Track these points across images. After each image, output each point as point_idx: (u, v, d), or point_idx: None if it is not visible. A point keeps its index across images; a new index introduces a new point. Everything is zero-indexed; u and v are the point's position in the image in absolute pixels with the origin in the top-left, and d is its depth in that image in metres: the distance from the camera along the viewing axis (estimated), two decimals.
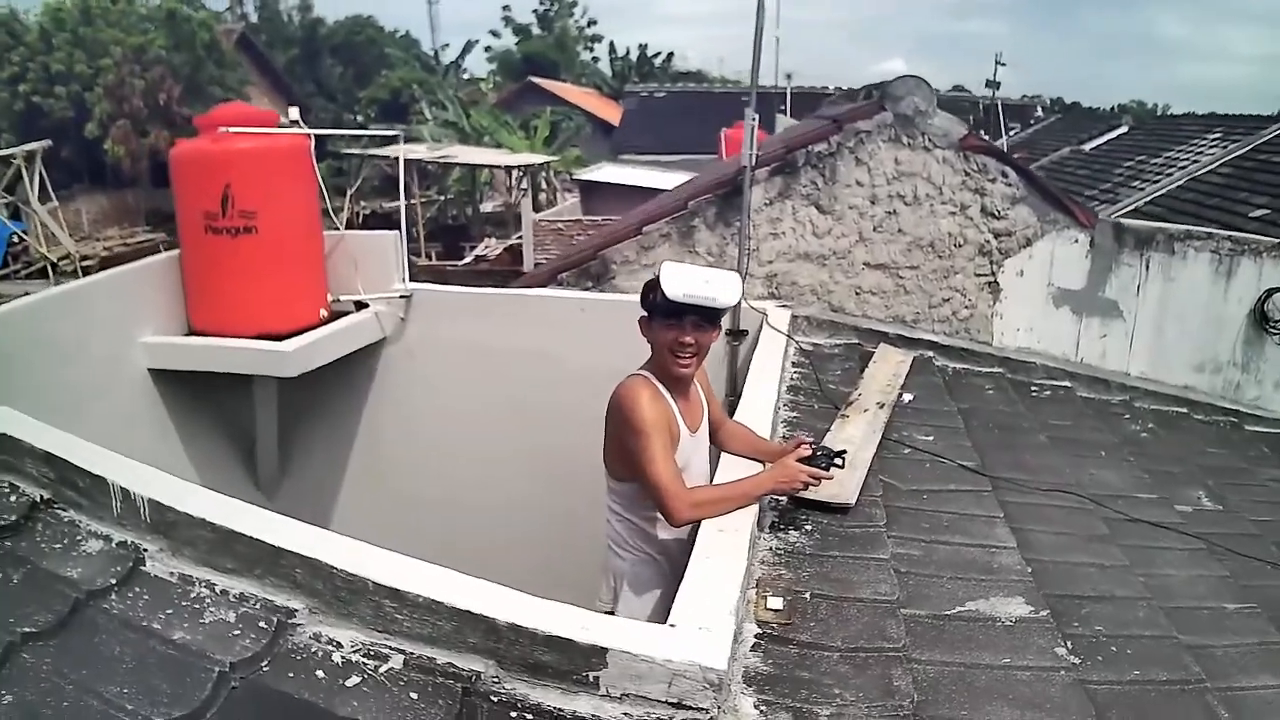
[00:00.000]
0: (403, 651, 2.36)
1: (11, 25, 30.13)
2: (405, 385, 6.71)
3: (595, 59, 50.83)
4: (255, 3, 45.15)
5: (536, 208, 21.73)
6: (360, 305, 6.52)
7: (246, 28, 38.72)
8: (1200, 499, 4.35)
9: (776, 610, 2.79)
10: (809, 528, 3.38)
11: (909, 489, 3.82)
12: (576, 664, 2.24)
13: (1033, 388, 5.48)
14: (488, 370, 6.44)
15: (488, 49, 50.24)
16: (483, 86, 41.14)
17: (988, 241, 5.69)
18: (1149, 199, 13.53)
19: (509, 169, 26.70)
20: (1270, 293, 5.76)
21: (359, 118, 40.33)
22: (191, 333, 6.13)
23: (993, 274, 5.74)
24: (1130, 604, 3.14)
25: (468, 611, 2.31)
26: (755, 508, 3.18)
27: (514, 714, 2.22)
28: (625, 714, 2.22)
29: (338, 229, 6.74)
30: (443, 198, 31.08)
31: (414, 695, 2.22)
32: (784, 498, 3.47)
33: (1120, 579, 3.31)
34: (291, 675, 2.26)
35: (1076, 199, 5.72)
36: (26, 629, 2.29)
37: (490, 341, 6.39)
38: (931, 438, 4.41)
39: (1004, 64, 16.23)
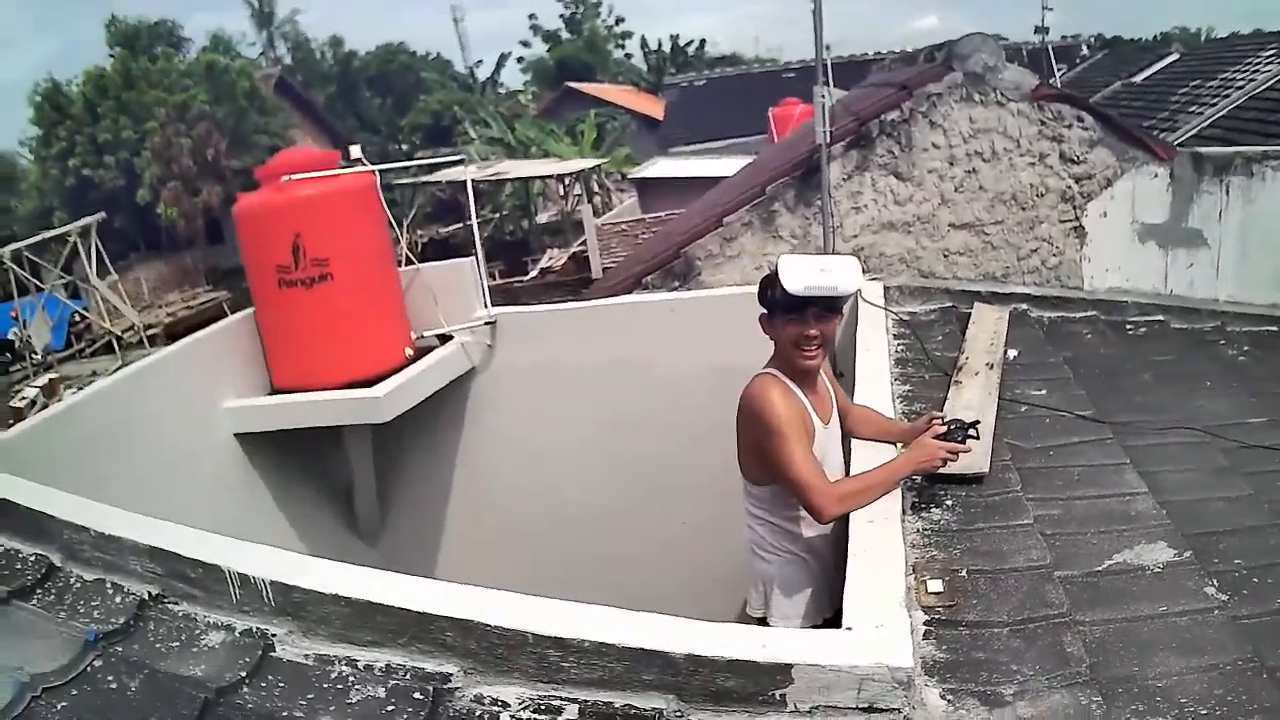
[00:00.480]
0: (575, 700, 2.28)
1: (56, 98, 30.23)
2: (498, 412, 6.63)
3: (628, 56, 50.83)
4: (287, 45, 45.85)
5: (594, 212, 21.75)
6: (444, 338, 6.45)
7: (283, 71, 39.18)
8: None
9: (938, 594, 2.74)
10: (950, 503, 3.32)
11: (1034, 447, 3.77)
12: (762, 685, 2.19)
13: (1128, 326, 5.38)
14: (580, 385, 6.37)
15: (520, 60, 50.54)
16: (522, 99, 41.26)
17: (1069, 187, 5.61)
18: (1209, 122, 13.18)
19: (561, 178, 26.77)
20: None
21: (404, 146, 40.72)
22: (274, 390, 6.07)
23: (1077, 219, 5.67)
24: (1262, 533, 3.07)
25: (640, 649, 2.24)
26: (898, 492, 3.14)
27: None
28: None
29: (412, 263, 6.70)
30: (497, 215, 31.27)
31: None
32: (919, 477, 3.39)
33: (1250, 508, 3.24)
34: None
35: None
36: None
37: (580, 356, 6.33)
38: (1044, 391, 4.36)
39: (1050, 8, 15.91)
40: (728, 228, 6.17)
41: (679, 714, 2.22)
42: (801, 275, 3.14)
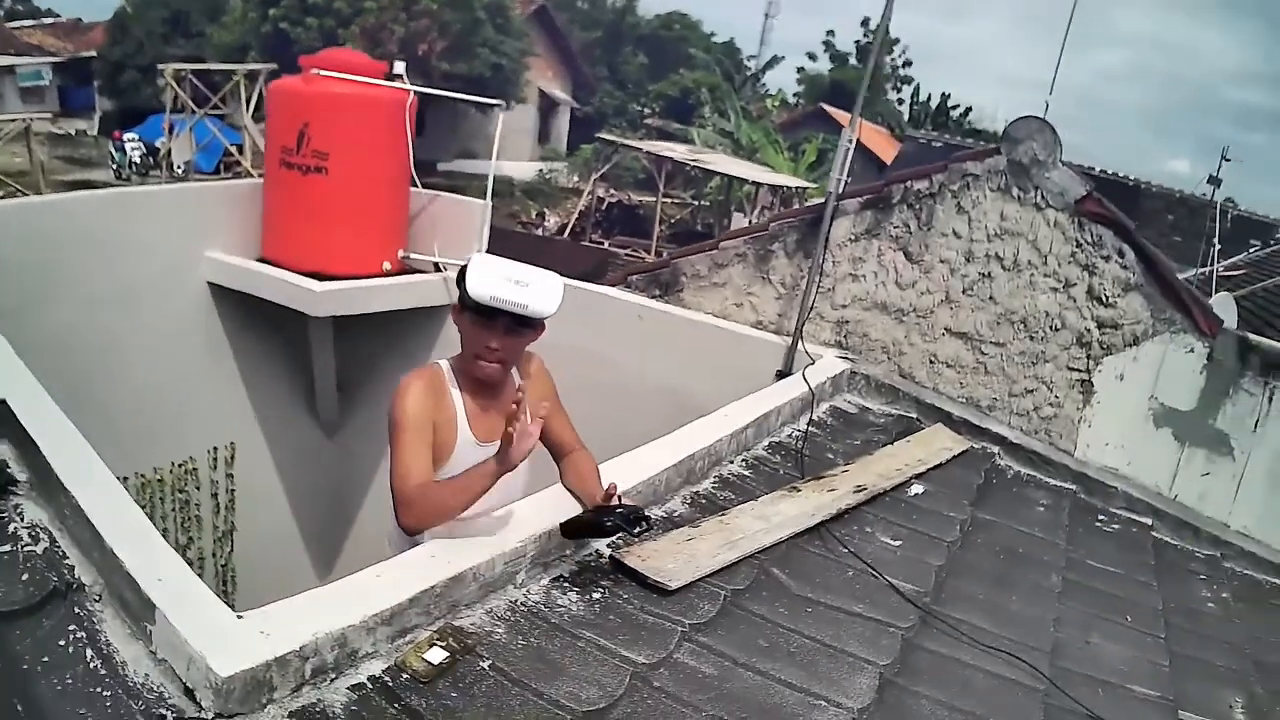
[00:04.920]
0: None
1: None
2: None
3: (900, 101, 49.59)
4: None
5: None
6: (439, 268, 6.41)
7: (550, 1, 39.24)
8: (1232, 709, 3.15)
9: (430, 663, 2.24)
10: (597, 595, 2.71)
11: (796, 592, 3.00)
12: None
13: (1101, 516, 4.43)
14: (544, 355, 6.01)
15: (800, 70, 50.03)
16: (769, 104, 40.63)
17: (1088, 330, 4.66)
18: None
19: (772, 187, 26.14)
20: None
21: (644, 110, 40.72)
22: (261, 261, 6.17)
23: (1088, 371, 4.69)
24: None
25: None
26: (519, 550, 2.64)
27: None
28: None
29: (433, 190, 6.70)
30: (696, 203, 30.88)
31: None
32: (606, 554, 2.88)
33: None
34: None
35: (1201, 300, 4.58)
36: None
37: (551, 326, 5.99)
38: (899, 543, 3.55)
39: (1229, 159, 14.33)
40: (721, 253, 5.54)
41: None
42: (489, 282, 2.68)
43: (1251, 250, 15.67)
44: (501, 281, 2.66)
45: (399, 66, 6.38)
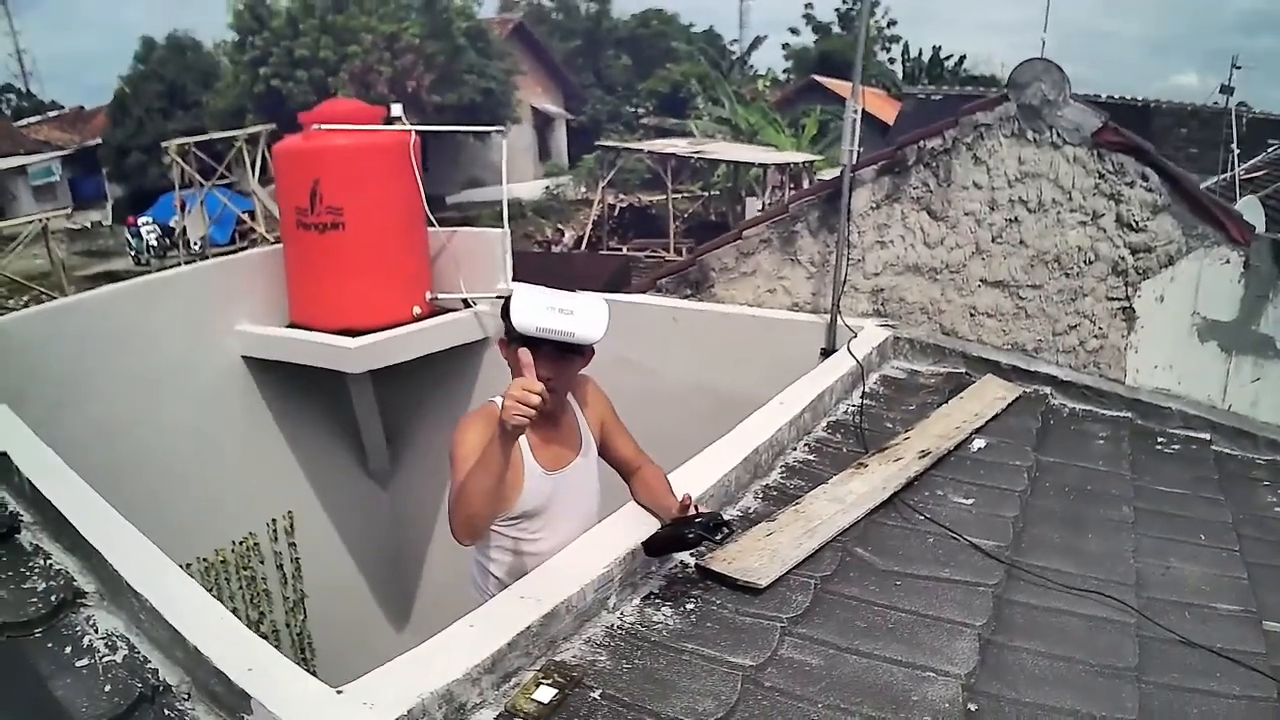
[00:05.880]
0: None
1: (258, 9, 29.92)
2: (506, 382, 6.44)
3: (892, 60, 49.31)
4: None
5: None
6: (468, 304, 6.43)
7: (525, 18, 39.32)
8: None
9: (541, 703, 2.23)
10: (690, 605, 2.72)
11: (883, 568, 3.01)
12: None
13: (1160, 439, 4.40)
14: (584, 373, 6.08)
15: (785, 46, 49.87)
16: (760, 84, 40.51)
17: (1123, 258, 4.62)
18: None
19: (780, 166, 26.06)
20: None
21: (637, 110, 40.71)
22: (290, 325, 6.21)
23: (1127, 298, 4.66)
24: None
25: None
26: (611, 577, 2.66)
27: None
28: None
29: (449, 227, 6.70)
30: (706, 194, 30.83)
31: None
32: (691, 564, 2.87)
33: None
34: None
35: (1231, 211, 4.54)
36: None
37: None
38: (971, 501, 3.55)
39: (1239, 67, 14.53)
40: (746, 241, 5.57)
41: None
42: (533, 313, 2.67)
43: (1270, 149, 15.55)
44: (546, 312, 2.67)
45: (396, 109, 6.46)
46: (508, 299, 2.75)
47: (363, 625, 6.90)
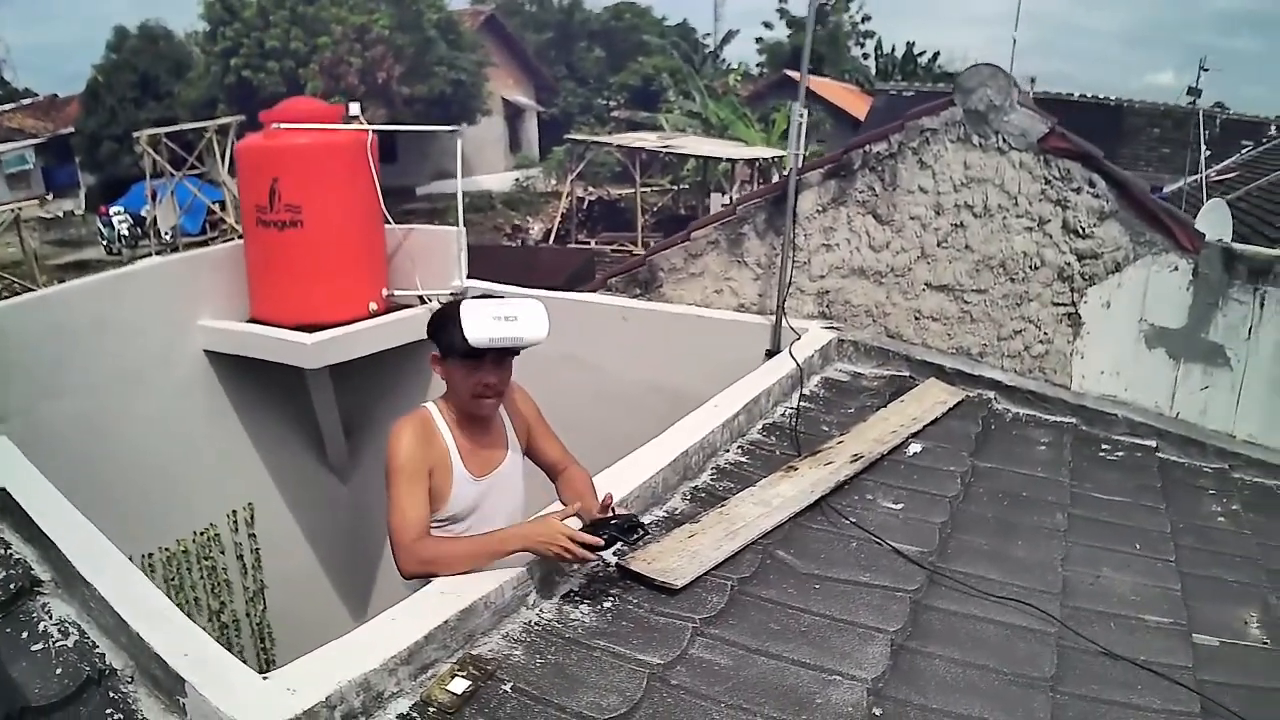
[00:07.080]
0: None
1: (230, 1, 29.40)
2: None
3: (865, 55, 49.38)
4: None
5: None
6: (425, 300, 6.47)
7: (498, 9, 39.11)
8: (1247, 625, 3.17)
9: (455, 694, 2.31)
10: (608, 604, 2.78)
11: (803, 572, 3.06)
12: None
13: (1104, 445, 4.46)
14: (534, 368, 6.04)
15: (759, 40, 49.82)
16: (731, 79, 40.48)
17: (1069, 264, 4.67)
18: None
19: (749, 161, 26.09)
20: None
21: (609, 103, 40.61)
22: (251, 320, 6.27)
23: (1073, 304, 4.71)
24: None
25: None
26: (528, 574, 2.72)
27: None
28: None
29: (408, 225, 6.76)
30: (676, 188, 30.82)
31: None
32: (613, 563, 2.93)
33: None
34: None
35: (1179, 217, 4.57)
36: None
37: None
38: (900, 506, 3.59)
39: (1206, 69, 14.64)
40: (694, 243, 5.61)
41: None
42: (484, 326, 2.78)
43: (1244, 151, 15.69)
44: (493, 323, 2.77)
45: (354, 108, 6.46)
46: (445, 313, 2.88)
47: (321, 615, 6.90)
